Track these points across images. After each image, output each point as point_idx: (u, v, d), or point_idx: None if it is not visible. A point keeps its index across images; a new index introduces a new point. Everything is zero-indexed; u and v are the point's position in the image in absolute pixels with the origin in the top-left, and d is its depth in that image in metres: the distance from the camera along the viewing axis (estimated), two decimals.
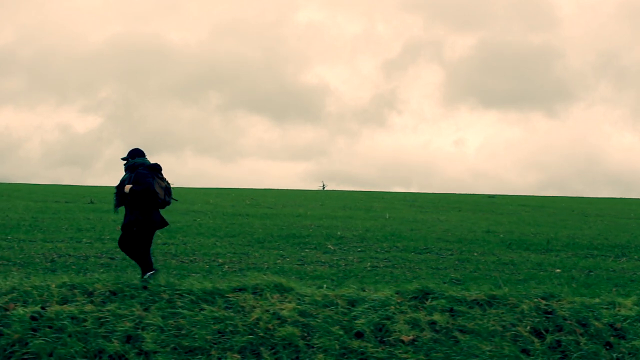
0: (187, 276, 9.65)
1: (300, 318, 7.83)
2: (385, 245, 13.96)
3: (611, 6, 71.11)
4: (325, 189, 47.75)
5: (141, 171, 8.64)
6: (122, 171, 8.89)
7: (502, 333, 7.90)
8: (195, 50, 71.56)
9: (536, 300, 8.49)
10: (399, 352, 7.49)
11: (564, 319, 8.13)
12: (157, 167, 8.82)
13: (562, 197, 38.42)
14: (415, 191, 44.23)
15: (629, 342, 7.74)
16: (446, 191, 42.57)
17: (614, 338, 7.83)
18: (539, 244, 14.83)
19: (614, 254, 13.83)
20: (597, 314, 8.17)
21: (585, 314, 8.13)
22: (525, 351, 7.66)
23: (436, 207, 26.48)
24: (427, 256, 12.79)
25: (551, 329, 8.00)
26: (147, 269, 8.66)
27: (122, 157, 8.96)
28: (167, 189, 8.83)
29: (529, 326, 8.00)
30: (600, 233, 17.69)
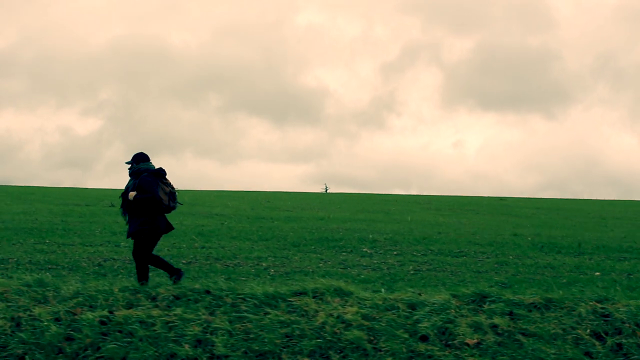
0: (236, 280, 9.71)
1: (364, 322, 7.89)
2: (420, 248, 14.03)
3: (608, 8, 71.53)
4: (328, 191, 47.85)
5: (145, 178, 8.59)
6: (122, 173, 9.01)
7: (564, 336, 7.96)
8: (195, 52, 71.76)
9: (592, 303, 8.56)
10: (465, 355, 7.55)
11: (622, 322, 8.20)
12: (161, 172, 8.78)
13: (574, 199, 38.56)
14: (415, 193, 44.38)
15: None
16: (446, 193, 42.71)
17: None
18: (570, 247, 14.90)
19: None
20: None
21: None
22: (588, 354, 7.72)
23: (452, 210, 26.57)
24: (464, 259, 12.86)
25: (610, 332, 8.07)
26: (143, 277, 8.67)
27: (127, 162, 8.91)
28: (171, 194, 8.79)
29: (588, 329, 8.06)
30: (626, 236, 17.78)
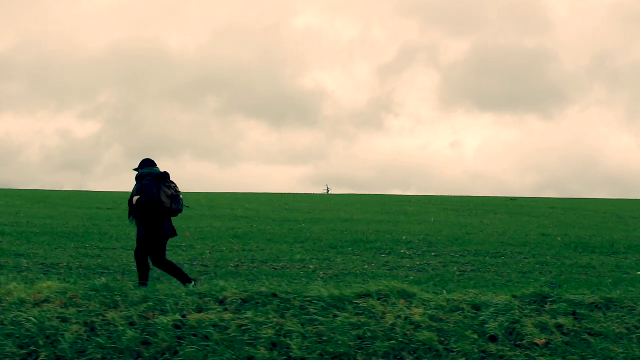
0: (290, 283, 9.78)
1: (432, 323, 7.97)
2: (456, 249, 14.11)
3: (604, 9, 71.99)
4: (329, 192, 47.94)
5: (145, 182, 8.72)
6: (121, 176, 9.17)
7: (629, 335, 8.04)
8: (193, 55, 71.96)
9: None
10: (535, 355, 7.63)
11: None
12: (163, 176, 8.86)
13: (585, 199, 38.70)
14: (412, 194, 44.45)
15: None
16: (445, 193, 42.75)
17: None
18: (603, 247, 14.99)
19: None
20: None
21: None
22: None
23: (470, 210, 26.66)
24: (503, 260, 12.94)
25: None
26: (143, 278, 8.76)
27: (134, 169, 9.03)
28: (174, 196, 8.85)
29: None
30: None
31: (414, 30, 74.88)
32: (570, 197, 41.42)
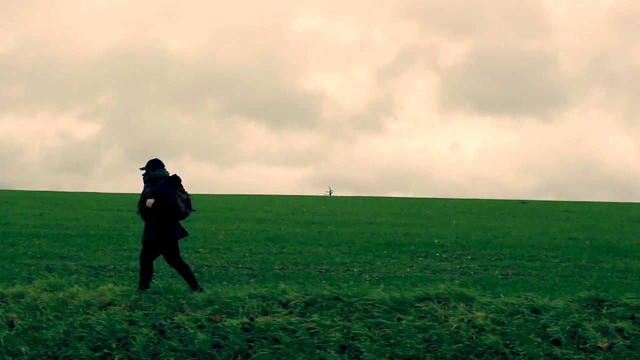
0: (339, 285, 9.84)
1: (495, 326, 8.05)
2: (490, 253, 14.17)
3: (603, 12, 72.25)
4: (332, 194, 47.94)
5: (164, 185, 8.63)
6: (121, 177, 9.05)
7: None
8: (193, 57, 72.03)
9: None
10: (599, 358, 7.71)
11: None
12: (177, 180, 8.82)
13: (593, 202, 38.74)
14: (413, 196, 44.45)
15: None
16: (445, 196, 42.72)
17: None
18: (633, 251, 15.08)
19: None
20: None
21: None
22: None
23: (486, 214, 26.69)
24: (540, 264, 13.01)
25: None
26: (145, 282, 8.69)
27: (141, 168, 8.96)
28: (187, 200, 8.84)
29: None
30: None
31: (413, 33, 75.13)
32: (580, 201, 41.41)
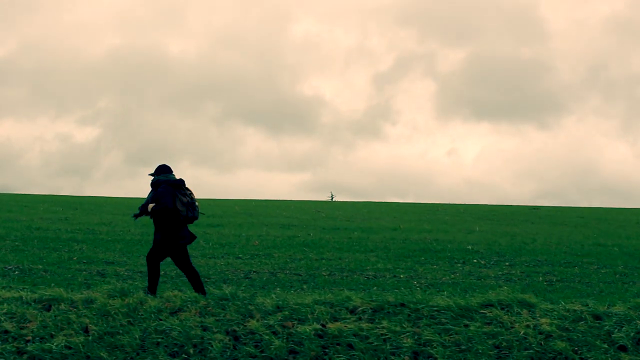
0: (392, 291, 9.94)
1: (562, 333, 8.14)
2: (525, 259, 14.29)
3: (599, 20, 72.90)
4: (334, 199, 48.06)
5: (160, 190, 8.75)
6: (120, 181, 9.19)
7: None
8: (192, 62, 72.38)
9: None
10: None
11: None
12: (178, 183, 8.88)
13: (603, 208, 38.97)
14: (411, 201, 44.52)
15: None
16: (443, 201, 42.81)
17: None
18: None
19: None
20: None
21: None
22: None
23: (505, 220, 26.84)
24: (579, 270, 13.11)
25: None
26: (153, 286, 8.77)
27: (150, 174, 9.07)
28: (190, 204, 8.87)
29: None
30: None
31: (412, 40, 75.67)
32: (592, 207, 41.64)
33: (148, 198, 8.93)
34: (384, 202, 39.84)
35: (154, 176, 9.02)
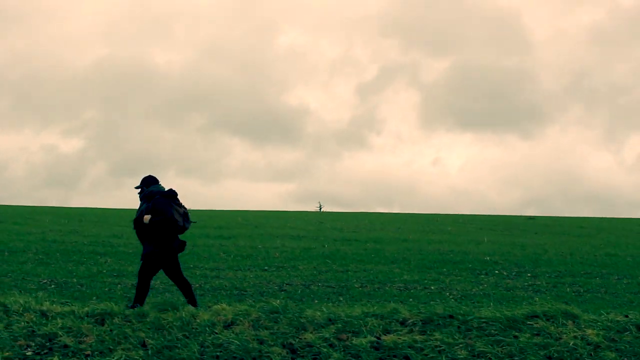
0: (427, 304, 10.06)
1: (610, 343, 8.30)
2: (545, 270, 14.48)
3: (582, 30, 74.14)
4: (322, 210, 48.16)
5: (160, 200, 8.70)
6: (106, 192, 9.18)
7: None
8: (177, 73, 72.59)
9: None
10: None
11: None
12: (173, 194, 8.88)
13: (601, 217, 39.40)
14: (397, 211, 44.82)
15: None
16: (429, 211, 43.12)
17: None
18: None
19: None
20: None
21: None
22: None
23: (508, 230, 27.07)
24: (601, 281, 13.31)
25: None
26: (140, 299, 8.74)
27: (136, 187, 9.00)
28: (185, 214, 8.93)
29: None
30: None
31: (395, 50, 76.50)
32: (588, 216, 42.11)
33: (141, 210, 8.80)
34: (383, 213, 39.99)
35: (141, 188, 8.93)
